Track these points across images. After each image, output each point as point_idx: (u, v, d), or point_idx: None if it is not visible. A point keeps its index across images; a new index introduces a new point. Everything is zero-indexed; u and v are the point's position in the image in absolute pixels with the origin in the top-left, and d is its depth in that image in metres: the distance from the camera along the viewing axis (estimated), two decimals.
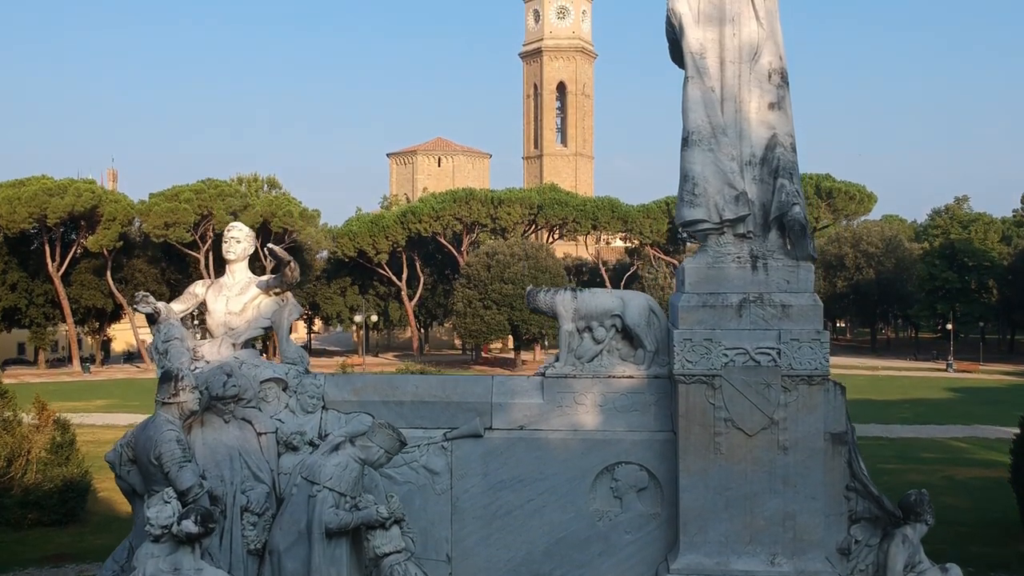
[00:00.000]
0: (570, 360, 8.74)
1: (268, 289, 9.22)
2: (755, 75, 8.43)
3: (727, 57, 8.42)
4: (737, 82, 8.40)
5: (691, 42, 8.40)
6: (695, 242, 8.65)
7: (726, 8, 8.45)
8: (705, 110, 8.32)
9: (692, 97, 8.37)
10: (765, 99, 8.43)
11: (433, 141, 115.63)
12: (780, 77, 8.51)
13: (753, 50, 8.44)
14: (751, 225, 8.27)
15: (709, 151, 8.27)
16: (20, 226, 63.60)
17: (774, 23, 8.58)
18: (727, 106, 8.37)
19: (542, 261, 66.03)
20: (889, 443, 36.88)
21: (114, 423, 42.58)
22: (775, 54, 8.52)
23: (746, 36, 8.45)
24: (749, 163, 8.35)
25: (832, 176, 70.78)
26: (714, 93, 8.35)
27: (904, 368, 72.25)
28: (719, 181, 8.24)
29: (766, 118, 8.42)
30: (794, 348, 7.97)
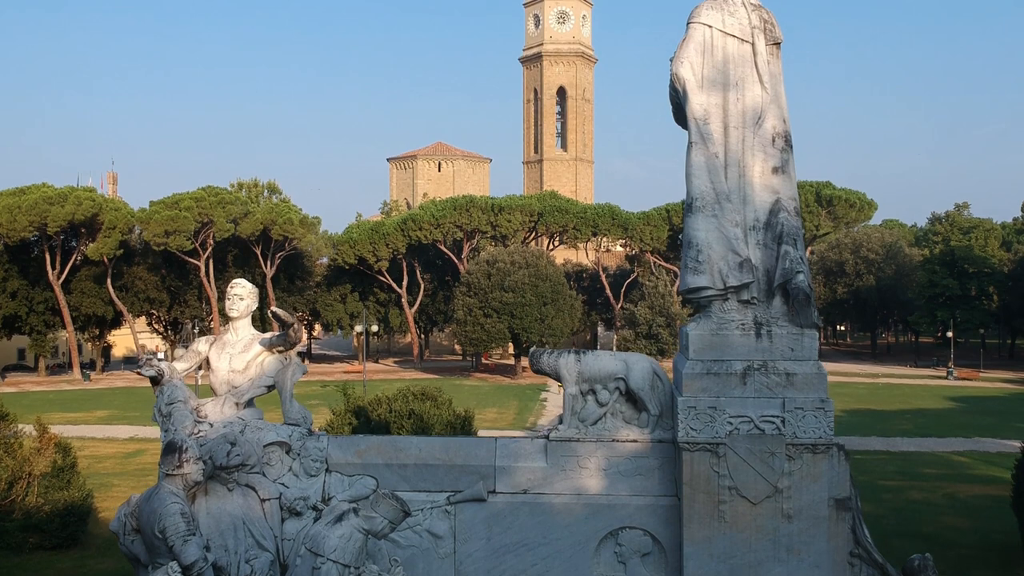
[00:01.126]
0: (574, 423, 8.74)
1: (271, 347, 9.20)
2: (759, 139, 8.43)
3: (731, 122, 8.41)
4: (741, 147, 8.40)
5: (695, 108, 8.39)
6: None
7: (730, 73, 8.45)
8: (709, 176, 8.32)
9: (696, 163, 8.37)
10: (769, 163, 8.43)
11: (433, 146, 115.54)
12: (784, 140, 8.51)
13: (757, 115, 8.44)
14: (755, 291, 8.26)
15: (713, 217, 8.27)
16: (20, 234, 63.58)
17: (778, 86, 8.58)
18: (731, 171, 8.37)
19: (542, 269, 65.97)
20: (890, 458, 36.90)
21: (114, 435, 42.65)
22: (779, 117, 8.52)
23: (750, 101, 8.45)
24: (753, 228, 8.34)
25: (832, 184, 70.80)
26: (718, 159, 8.34)
27: (904, 375, 72.23)
28: (723, 247, 8.23)
29: (770, 182, 8.42)
30: (798, 417, 7.97)
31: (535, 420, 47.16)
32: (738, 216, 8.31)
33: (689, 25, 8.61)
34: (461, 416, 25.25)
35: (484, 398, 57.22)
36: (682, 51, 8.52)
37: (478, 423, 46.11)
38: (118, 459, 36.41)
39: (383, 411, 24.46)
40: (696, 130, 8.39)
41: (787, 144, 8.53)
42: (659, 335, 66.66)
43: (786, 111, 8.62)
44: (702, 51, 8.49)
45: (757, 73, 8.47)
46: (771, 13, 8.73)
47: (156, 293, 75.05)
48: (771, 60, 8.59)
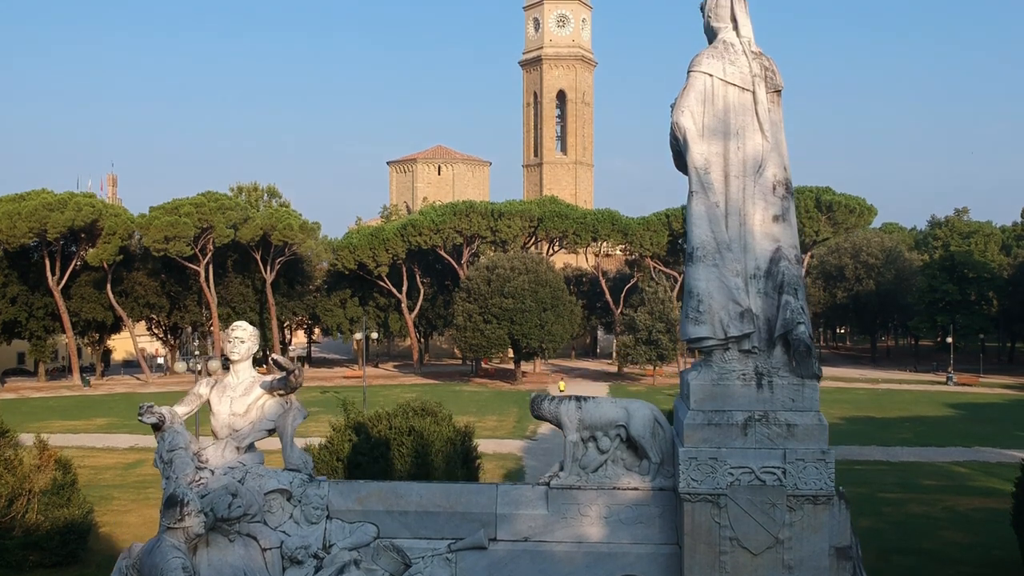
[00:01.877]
0: (575, 470, 8.74)
1: (272, 391, 9.19)
2: (759, 188, 8.43)
3: (731, 171, 8.42)
4: (741, 195, 8.40)
5: (695, 157, 8.40)
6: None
7: (731, 122, 8.45)
8: (710, 226, 8.32)
9: (697, 213, 8.37)
10: (769, 212, 8.43)
11: (433, 149, 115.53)
12: (784, 188, 8.51)
13: (757, 163, 8.45)
14: (756, 341, 8.26)
15: (714, 267, 8.27)
16: (20, 241, 63.55)
17: (778, 134, 8.59)
18: (731, 220, 8.37)
19: (542, 275, 65.93)
20: (890, 468, 36.92)
21: (114, 445, 42.61)
22: (779, 165, 8.53)
23: (750, 149, 8.45)
24: (754, 276, 8.35)
25: (832, 189, 70.76)
26: (718, 208, 8.34)
27: (904, 381, 72.24)
28: (724, 297, 8.24)
29: (770, 231, 8.42)
30: (799, 468, 7.97)
31: (535, 428, 47.10)
32: (739, 265, 8.31)
33: (690, 73, 8.62)
34: (461, 432, 25.25)
35: (484, 405, 57.21)
36: (683, 100, 8.52)
37: (478, 431, 46.05)
38: (118, 470, 36.39)
39: (383, 427, 24.44)
40: (697, 179, 8.39)
41: (787, 191, 8.54)
42: (659, 341, 66.61)
43: (786, 158, 8.63)
44: (703, 100, 8.50)
45: (758, 122, 8.48)
46: (772, 60, 8.74)
47: (156, 298, 75.01)
48: (772, 108, 8.59)
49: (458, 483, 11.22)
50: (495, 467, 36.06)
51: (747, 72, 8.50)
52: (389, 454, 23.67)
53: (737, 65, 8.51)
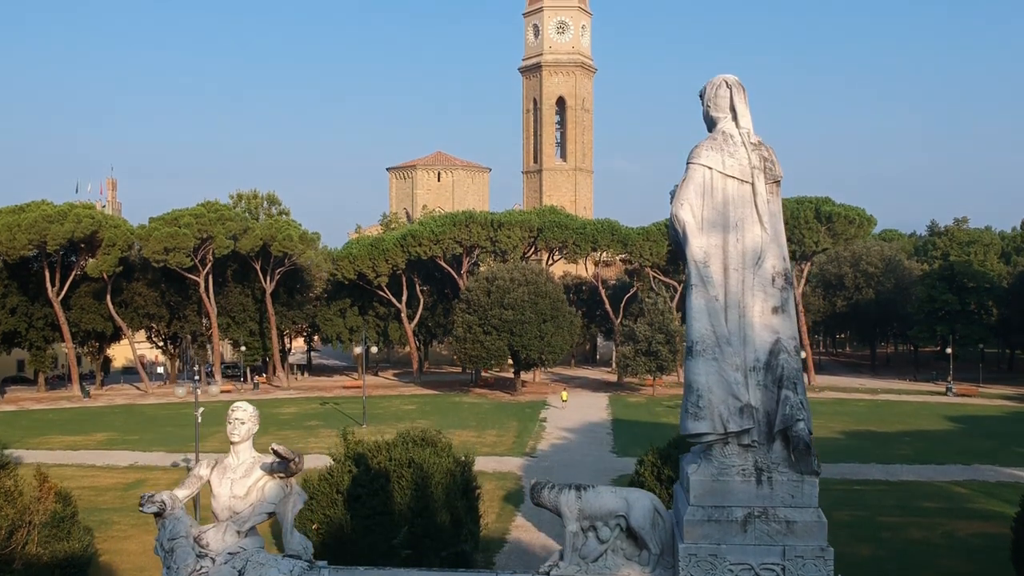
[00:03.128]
0: (574, 560, 8.75)
1: (272, 473, 9.21)
2: (759, 279, 8.44)
3: (731, 264, 8.43)
4: (741, 288, 8.41)
5: (695, 251, 8.41)
6: None
7: (730, 215, 8.46)
8: (709, 319, 8.33)
9: (696, 306, 8.38)
10: (769, 303, 8.44)
11: (433, 155, 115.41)
12: (783, 279, 8.52)
13: (756, 255, 8.46)
14: (755, 435, 8.27)
15: (713, 360, 8.28)
16: (20, 253, 63.54)
17: (777, 224, 8.60)
18: (731, 313, 8.38)
19: (542, 286, 65.92)
20: (890, 489, 36.91)
21: (114, 463, 42.57)
22: (778, 256, 8.53)
23: (749, 241, 8.46)
24: (753, 368, 8.36)
25: (832, 200, 70.76)
26: (718, 302, 8.35)
27: (904, 391, 72.26)
28: (723, 391, 8.25)
29: (770, 322, 8.43)
30: (799, 565, 7.98)
31: (534, 444, 47.13)
32: (738, 359, 8.32)
33: (689, 165, 8.63)
34: (461, 462, 25.24)
35: (484, 418, 57.19)
36: (682, 192, 8.53)
37: (478, 448, 46.34)
38: (118, 491, 36.38)
39: (383, 458, 24.43)
40: (696, 273, 8.40)
41: (787, 282, 8.55)
42: (658, 352, 66.64)
43: (785, 248, 8.65)
44: (702, 192, 8.51)
45: (757, 213, 8.49)
46: (771, 150, 8.75)
47: (155, 308, 75.03)
48: (771, 199, 8.61)
49: (459, 571, 11.21)
50: (495, 487, 36.06)
51: (746, 164, 8.51)
52: (389, 486, 23.67)
53: (736, 157, 8.52)
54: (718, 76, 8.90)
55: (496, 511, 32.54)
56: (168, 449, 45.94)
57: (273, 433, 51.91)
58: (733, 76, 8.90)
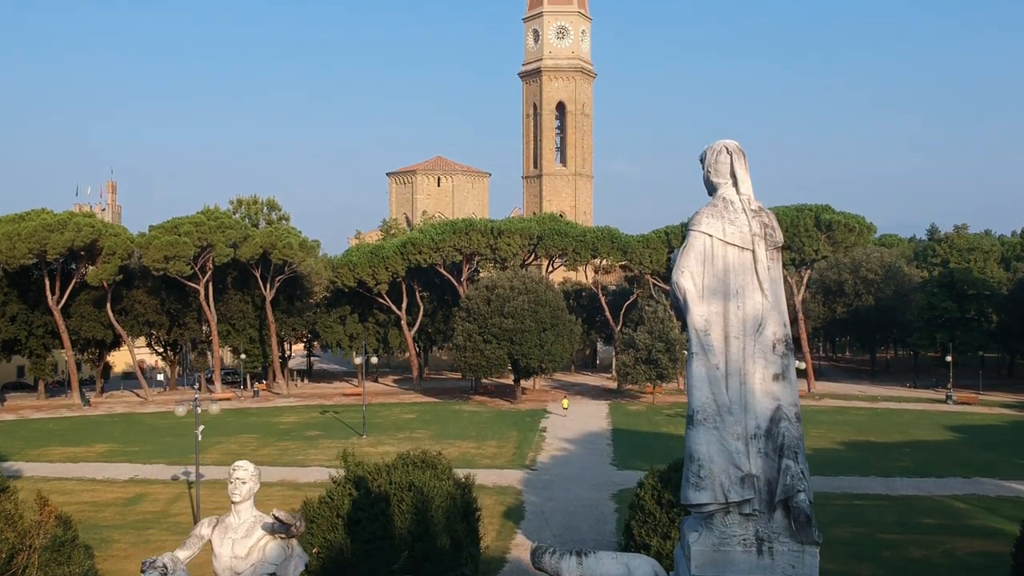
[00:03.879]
0: None
1: (274, 533, 9.22)
2: (759, 347, 8.44)
3: (731, 332, 8.43)
4: (742, 355, 8.41)
5: (696, 319, 8.41)
6: None
7: (730, 282, 8.46)
8: (710, 388, 8.33)
9: (697, 375, 8.38)
10: (770, 370, 8.44)
11: (432, 160, 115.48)
12: (784, 346, 8.52)
13: (757, 322, 8.46)
14: (756, 504, 8.27)
15: (714, 430, 8.28)
16: (20, 262, 63.54)
17: (778, 291, 8.60)
18: (732, 381, 8.38)
19: (542, 295, 65.91)
20: (890, 503, 36.92)
21: (114, 476, 42.56)
22: (779, 323, 8.53)
23: (750, 308, 8.46)
24: (754, 436, 8.35)
25: (832, 207, 70.76)
26: (718, 370, 8.35)
27: (903, 399, 72.27)
28: (724, 461, 8.25)
29: (771, 389, 8.43)
30: None
31: (534, 456, 47.14)
32: (739, 427, 8.32)
33: (689, 232, 8.64)
34: (461, 484, 25.23)
35: (484, 428, 57.20)
36: (683, 260, 8.54)
37: (477, 460, 46.39)
38: (118, 507, 36.38)
39: (383, 481, 24.42)
40: (697, 341, 8.41)
41: (787, 348, 8.55)
42: (658, 360, 66.70)
43: (786, 314, 8.65)
44: (702, 260, 8.51)
45: (758, 280, 8.49)
46: (771, 215, 8.75)
47: (155, 316, 75.07)
48: (771, 265, 8.60)
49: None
50: (495, 503, 36.06)
51: (747, 231, 8.52)
52: (389, 510, 23.65)
53: (737, 224, 8.53)
54: (718, 142, 8.91)
55: (496, 528, 32.56)
56: (168, 461, 45.96)
57: (273, 444, 51.99)
58: (734, 142, 8.91)
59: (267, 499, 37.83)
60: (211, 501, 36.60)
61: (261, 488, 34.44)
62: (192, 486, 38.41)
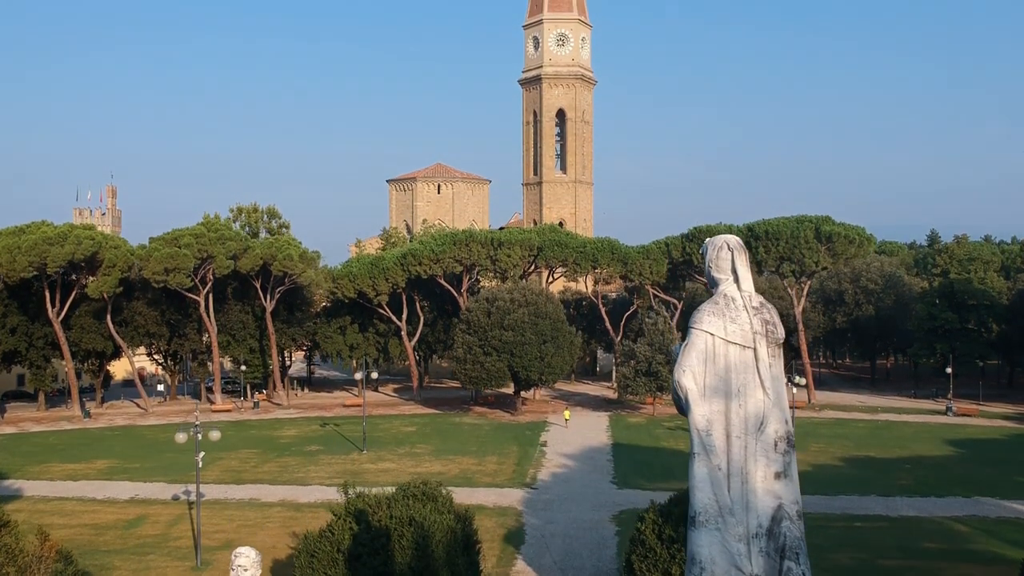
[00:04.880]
0: None
1: None
2: (761, 445, 8.46)
3: (733, 431, 8.44)
4: (743, 455, 8.42)
5: (697, 419, 8.42)
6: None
7: (732, 381, 8.48)
8: (712, 489, 8.34)
9: (699, 475, 8.39)
10: (771, 468, 8.45)
11: (432, 167, 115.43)
12: (786, 443, 8.54)
13: (759, 420, 8.47)
14: None
15: (716, 531, 8.29)
16: (20, 275, 63.47)
17: (779, 388, 8.61)
18: (733, 482, 8.39)
19: (542, 307, 65.88)
20: (890, 525, 36.87)
21: (115, 496, 42.47)
22: (780, 420, 8.55)
23: (752, 407, 8.47)
24: (756, 536, 8.37)
25: (832, 219, 70.73)
26: (720, 471, 8.37)
27: (904, 410, 72.21)
28: (726, 563, 8.26)
29: (772, 488, 8.45)
30: None
31: (535, 473, 47.09)
32: (741, 528, 8.33)
33: (691, 330, 8.65)
34: (462, 517, 25.19)
35: (484, 442, 57.13)
36: (684, 359, 8.55)
37: (478, 477, 46.37)
38: (119, 530, 36.31)
39: (383, 515, 24.38)
40: (699, 441, 8.42)
41: (789, 445, 8.57)
42: (659, 372, 66.66)
43: (787, 410, 8.66)
44: (704, 359, 8.53)
45: (759, 379, 8.51)
46: (773, 311, 8.76)
47: (156, 327, 75.05)
48: (773, 362, 8.62)
49: None
50: (495, 525, 36.02)
51: (748, 330, 8.53)
52: (389, 545, 23.62)
53: (738, 323, 8.54)
54: (719, 237, 8.93)
55: (496, 553, 32.52)
56: (168, 479, 45.91)
57: (274, 460, 51.88)
58: (734, 238, 8.93)
59: (267, 521, 37.86)
60: (211, 524, 36.57)
61: (261, 510, 34.60)
62: (192, 506, 38.42)
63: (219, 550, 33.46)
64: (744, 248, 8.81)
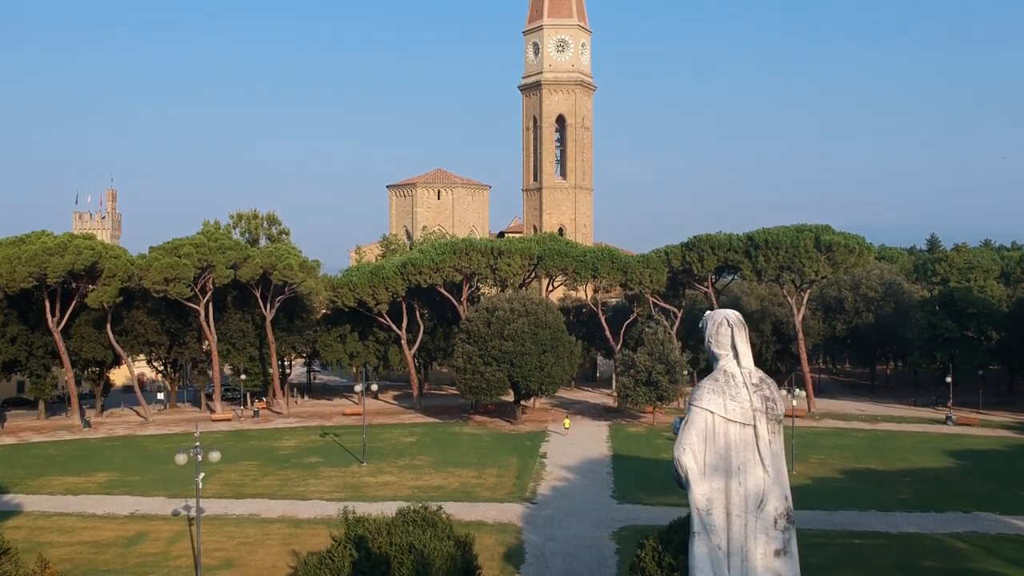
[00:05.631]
0: None
1: None
2: (761, 523, 8.46)
3: (733, 510, 8.45)
4: (743, 533, 8.43)
5: (697, 498, 8.42)
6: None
7: (732, 459, 8.49)
8: (712, 569, 8.35)
9: (699, 555, 8.40)
10: (771, 546, 8.46)
11: (433, 173, 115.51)
12: (786, 519, 8.54)
13: (759, 498, 8.48)
14: None
15: None
16: (20, 285, 63.45)
17: (779, 465, 8.62)
18: (733, 561, 8.40)
19: (542, 317, 65.88)
20: (890, 544, 36.82)
21: (115, 511, 42.42)
22: (780, 497, 8.55)
23: (752, 485, 8.48)
24: None
25: (831, 228, 70.74)
26: (720, 551, 8.37)
27: (903, 419, 72.20)
28: None
29: (772, 565, 8.45)
30: None
31: (535, 486, 47.08)
32: None
33: (691, 408, 8.66)
34: (461, 543, 25.19)
35: (484, 454, 57.08)
36: (684, 437, 8.56)
37: (477, 492, 46.39)
38: (119, 548, 36.28)
39: (383, 542, 24.38)
40: (699, 520, 8.42)
41: (789, 522, 8.58)
42: (659, 382, 66.70)
43: (787, 487, 8.67)
44: (704, 438, 8.54)
45: (759, 456, 8.52)
46: (773, 386, 8.77)
47: (155, 336, 75.03)
48: (773, 439, 8.63)
49: None
50: (495, 543, 36.03)
51: (748, 407, 8.54)
52: (389, 573, 23.61)
53: (738, 401, 8.55)
54: (719, 313, 8.93)
55: (496, 573, 32.54)
56: (169, 493, 45.90)
57: (274, 473, 51.84)
58: (734, 313, 8.93)
59: (267, 538, 37.86)
60: (211, 541, 36.57)
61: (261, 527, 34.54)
62: (192, 522, 38.43)
63: (219, 569, 33.49)
64: (744, 324, 8.82)
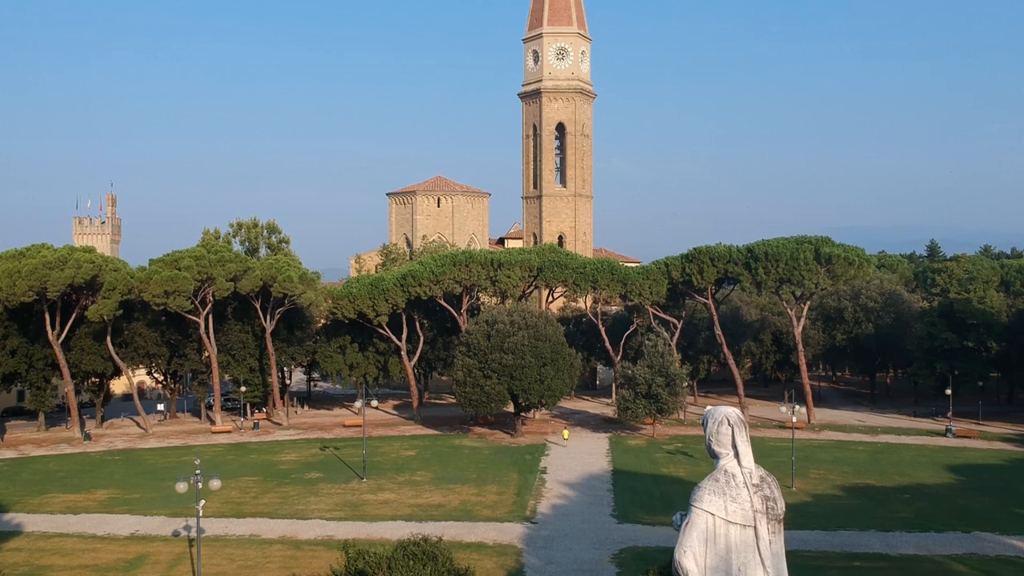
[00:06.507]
0: None
1: None
2: None
3: None
4: None
5: None
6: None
7: (732, 562, 8.51)
8: None
9: None
10: None
11: (432, 180, 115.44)
12: None
13: None
14: None
15: None
16: (20, 299, 63.45)
17: (779, 565, 8.64)
18: None
19: (542, 330, 65.90)
20: (889, 566, 36.84)
21: (115, 532, 42.37)
22: None
23: None
24: None
25: (831, 240, 70.70)
26: None
27: (903, 430, 72.27)
28: None
29: None
30: None
31: (535, 504, 47.08)
32: None
33: (692, 509, 8.68)
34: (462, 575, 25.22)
35: (483, 469, 57.05)
36: (685, 539, 8.58)
37: (477, 510, 46.40)
38: (119, 571, 36.25)
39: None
40: None
41: None
42: (659, 395, 66.73)
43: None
44: (705, 540, 8.56)
45: (760, 558, 8.54)
46: (773, 485, 8.80)
47: (155, 348, 75.06)
48: (773, 539, 8.65)
49: None
50: (495, 567, 36.04)
51: (748, 508, 8.56)
52: None
53: (739, 502, 8.57)
54: (719, 411, 8.96)
55: None
56: (170, 512, 45.88)
57: (274, 490, 51.80)
58: (735, 412, 8.95)
59: (267, 561, 37.84)
60: (212, 564, 36.58)
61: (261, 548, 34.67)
62: (193, 544, 38.46)
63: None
64: (744, 423, 8.85)
